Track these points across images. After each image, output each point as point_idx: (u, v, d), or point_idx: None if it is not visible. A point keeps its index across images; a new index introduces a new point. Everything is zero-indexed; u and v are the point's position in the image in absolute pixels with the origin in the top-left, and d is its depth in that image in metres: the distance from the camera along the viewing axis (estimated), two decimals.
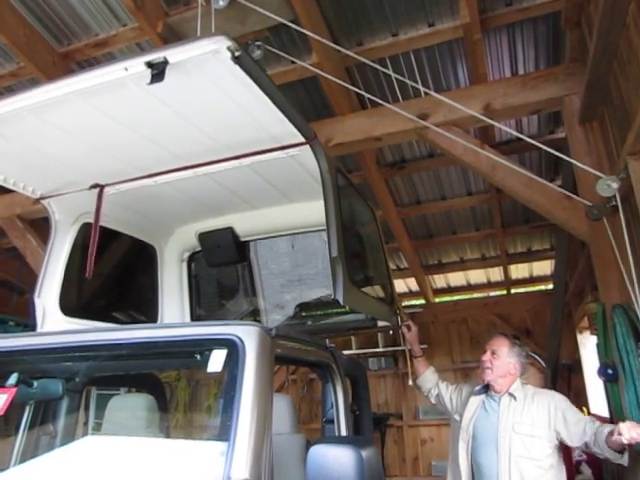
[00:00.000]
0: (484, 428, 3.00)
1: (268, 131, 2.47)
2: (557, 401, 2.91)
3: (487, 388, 3.14)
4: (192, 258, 3.87)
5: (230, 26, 3.80)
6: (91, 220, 3.03)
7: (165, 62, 1.85)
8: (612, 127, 3.32)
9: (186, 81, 2.01)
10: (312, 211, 3.21)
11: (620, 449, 2.54)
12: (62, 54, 4.42)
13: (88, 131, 2.40)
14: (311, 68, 3.90)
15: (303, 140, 2.50)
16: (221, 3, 3.52)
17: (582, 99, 3.52)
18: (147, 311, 3.65)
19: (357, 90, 4.01)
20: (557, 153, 3.39)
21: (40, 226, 5.34)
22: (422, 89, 3.80)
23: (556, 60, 4.21)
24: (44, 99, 2.09)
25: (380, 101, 3.75)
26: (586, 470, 5.69)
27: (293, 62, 4.17)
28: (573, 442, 2.80)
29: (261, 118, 2.33)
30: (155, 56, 1.86)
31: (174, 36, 4.03)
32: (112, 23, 4.18)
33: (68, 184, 2.90)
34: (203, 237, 3.66)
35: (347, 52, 3.62)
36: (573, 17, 3.52)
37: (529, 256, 7.35)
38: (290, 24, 3.48)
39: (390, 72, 3.80)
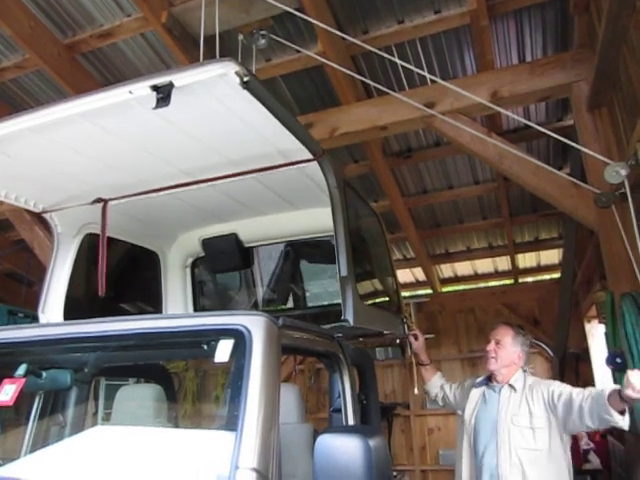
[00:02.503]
0: (485, 420, 3.00)
1: (276, 146, 2.45)
2: (554, 388, 2.87)
3: (488, 380, 3.13)
4: (195, 264, 3.85)
5: (234, 15, 3.78)
6: (94, 230, 3.01)
7: (171, 85, 1.82)
8: (621, 113, 3.28)
9: (192, 101, 1.97)
10: (317, 217, 3.22)
11: (621, 409, 2.46)
12: (67, 45, 4.41)
13: (92, 147, 2.36)
14: (316, 57, 3.87)
15: (311, 157, 2.49)
16: None
17: (591, 85, 3.48)
18: None
19: (363, 79, 3.99)
20: (565, 140, 3.36)
21: None
22: (428, 77, 3.76)
23: (564, 46, 4.16)
24: (47, 121, 2.05)
25: (386, 89, 3.73)
26: (594, 459, 5.69)
27: (298, 51, 4.14)
28: (575, 425, 2.72)
29: (269, 135, 2.31)
30: (161, 80, 1.82)
31: (178, 26, 4.02)
32: (116, 14, 4.16)
33: (71, 198, 2.86)
34: (207, 243, 3.64)
35: (353, 40, 3.59)
36: (581, 2, 3.47)
37: (537, 245, 7.31)
38: (295, 12, 3.45)
39: (396, 60, 3.77)
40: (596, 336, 6.24)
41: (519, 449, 2.80)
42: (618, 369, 3.23)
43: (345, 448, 1.48)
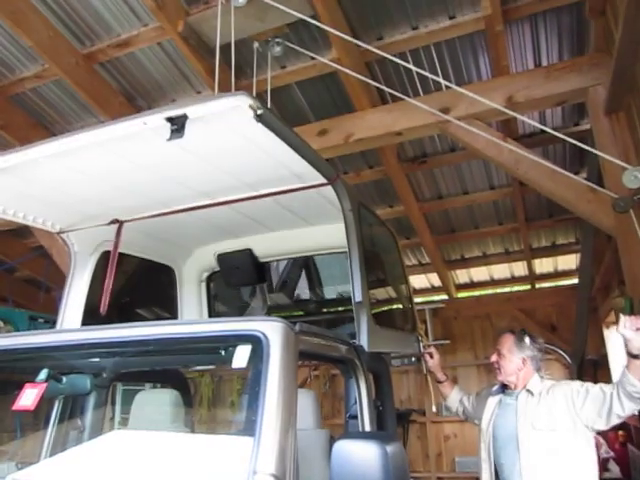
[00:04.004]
0: (503, 427, 2.96)
1: (291, 170, 2.47)
2: (573, 387, 2.84)
3: (505, 387, 3.10)
4: (211, 278, 3.88)
5: (250, 23, 3.81)
6: (111, 248, 3.04)
7: (185, 117, 1.84)
8: (639, 117, 3.25)
9: (206, 129, 1.99)
10: (331, 234, 3.23)
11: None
12: (85, 55, 4.48)
13: (107, 172, 2.40)
14: (331, 64, 3.90)
15: (325, 181, 2.51)
16: (240, 1, 3.52)
17: (608, 89, 3.46)
18: None
19: (377, 85, 3.99)
20: (582, 145, 3.33)
21: None
22: (443, 82, 3.76)
23: (580, 50, 4.13)
24: (63, 150, 2.09)
25: (401, 95, 3.73)
26: (614, 468, 5.61)
27: (313, 58, 4.17)
28: (601, 422, 2.69)
29: (283, 160, 2.32)
30: (175, 112, 1.84)
31: (194, 35, 4.07)
32: (133, 23, 4.22)
33: (87, 219, 2.90)
34: (222, 258, 3.67)
35: (367, 47, 3.60)
36: (598, 6, 3.45)
37: (553, 250, 7.24)
38: (309, 20, 3.47)
39: (411, 66, 3.78)
40: (615, 342, 6.16)
41: (542, 453, 2.75)
42: None
43: (363, 454, 1.48)
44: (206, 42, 4.12)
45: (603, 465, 5.53)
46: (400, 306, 3.57)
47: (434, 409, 3.74)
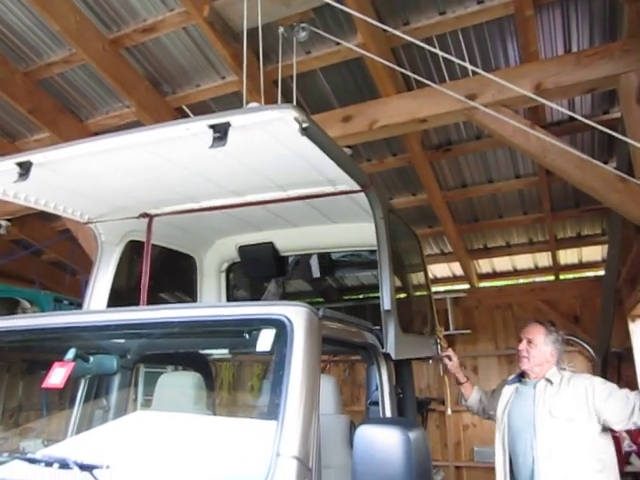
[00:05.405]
0: (519, 415, 2.95)
1: (324, 175, 2.47)
2: (595, 382, 2.83)
3: (521, 376, 3.08)
4: (230, 269, 3.92)
5: (275, 8, 3.79)
6: (137, 238, 3.11)
7: (228, 124, 1.84)
8: None
9: (246, 136, 1.99)
10: (354, 232, 3.26)
11: None
12: (111, 40, 4.50)
13: (142, 169, 2.43)
14: (356, 49, 3.86)
15: (359, 188, 2.51)
16: None
17: None
18: None
19: (403, 70, 3.95)
20: (613, 133, 3.26)
21: None
22: (470, 68, 3.70)
23: (612, 36, 4.02)
24: (101, 149, 2.11)
25: (427, 81, 3.68)
26: (636, 461, 5.54)
27: (338, 43, 4.13)
28: (618, 423, 2.68)
29: (319, 166, 2.33)
30: (219, 120, 1.84)
31: (220, 20, 4.05)
32: (159, 8, 4.22)
33: (116, 210, 2.93)
34: (243, 250, 3.70)
35: (393, 31, 3.55)
36: None
37: (579, 241, 7.12)
38: (335, 4, 3.43)
39: (437, 51, 3.71)
40: None
41: (559, 441, 2.75)
42: None
43: (385, 439, 1.48)
44: (232, 27, 4.11)
45: (625, 458, 5.47)
46: (422, 310, 3.57)
47: (449, 412, 3.75)
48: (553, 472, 2.73)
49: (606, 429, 2.77)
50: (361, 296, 7.88)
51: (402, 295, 3.03)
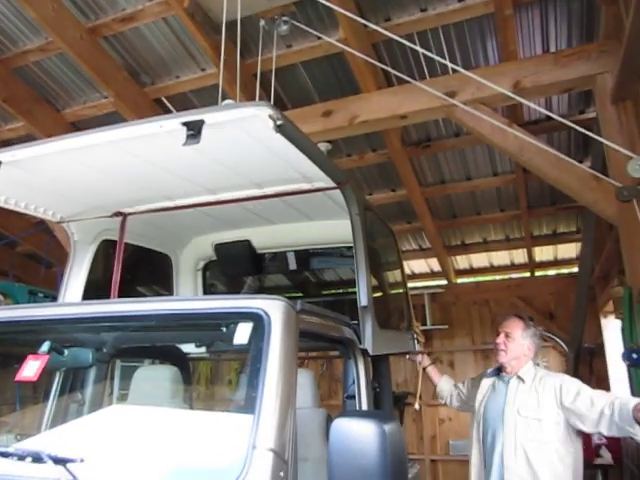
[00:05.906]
0: (492, 410, 3.00)
1: (300, 172, 2.47)
2: (566, 383, 2.85)
3: (499, 370, 3.13)
4: (207, 267, 3.89)
5: (256, 0, 3.77)
6: (111, 236, 3.07)
7: (202, 122, 1.83)
8: None
9: (220, 133, 1.98)
10: (331, 229, 3.25)
11: None
12: (89, 29, 4.43)
13: (116, 167, 2.39)
14: (337, 44, 3.86)
15: (334, 185, 2.51)
16: None
17: (616, 77, 3.43)
18: None
19: (384, 67, 3.96)
20: (588, 132, 3.31)
21: None
22: (450, 66, 3.73)
23: (589, 37, 4.09)
24: (73, 147, 2.08)
25: (407, 78, 3.70)
26: (606, 454, 5.67)
27: (319, 37, 4.12)
28: (586, 426, 2.71)
29: (295, 163, 2.32)
30: (193, 118, 1.83)
31: (200, 11, 4.02)
32: None
33: (90, 209, 2.90)
34: (219, 248, 3.68)
35: (374, 27, 3.56)
36: None
37: (554, 238, 7.24)
38: None
39: (418, 48, 3.73)
40: (612, 331, 6.19)
41: (525, 440, 2.80)
42: (634, 365, 3.22)
43: (361, 432, 1.49)
44: (212, 18, 4.08)
45: (595, 451, 5.60)
46: (399, 306, 3.59)
47: (416, 406, 3.81)
48: (519, 468, 2.78)
49: (574, 429, 2.81)
50: (340, 291, 7.90)
51: (379, 291, 3.04)
